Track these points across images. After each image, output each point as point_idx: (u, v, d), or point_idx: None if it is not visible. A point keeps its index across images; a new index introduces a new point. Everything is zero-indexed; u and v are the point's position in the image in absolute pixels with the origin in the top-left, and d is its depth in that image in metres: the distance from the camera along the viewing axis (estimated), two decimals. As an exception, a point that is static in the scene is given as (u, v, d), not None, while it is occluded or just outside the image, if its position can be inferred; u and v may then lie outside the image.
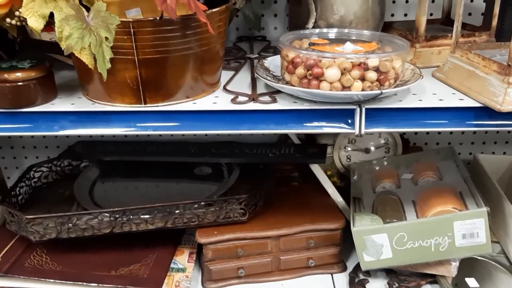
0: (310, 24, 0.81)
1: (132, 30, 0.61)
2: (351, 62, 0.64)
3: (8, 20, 0.62)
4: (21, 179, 1.01)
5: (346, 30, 0.77)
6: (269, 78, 0.72)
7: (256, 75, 0.74)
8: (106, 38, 0.57)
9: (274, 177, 1.05)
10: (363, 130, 0.68)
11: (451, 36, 0.79)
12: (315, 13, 0.81)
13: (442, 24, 0.97)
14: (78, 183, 1.02)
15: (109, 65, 0.58)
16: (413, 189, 0.96)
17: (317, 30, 0.78)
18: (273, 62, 0.78)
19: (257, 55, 0.93)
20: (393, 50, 0.70)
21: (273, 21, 1.08)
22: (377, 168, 1.06)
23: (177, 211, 0.88)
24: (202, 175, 1.06)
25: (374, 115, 0.67)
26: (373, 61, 0.65)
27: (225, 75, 0.80)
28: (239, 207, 0.90)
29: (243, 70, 0.85)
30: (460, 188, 0.91)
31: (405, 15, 1.07)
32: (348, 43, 0.71)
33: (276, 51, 0.94)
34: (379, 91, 0.64)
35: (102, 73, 0.58)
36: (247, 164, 1.02)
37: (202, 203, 0.89)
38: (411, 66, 0.74)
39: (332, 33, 0.77)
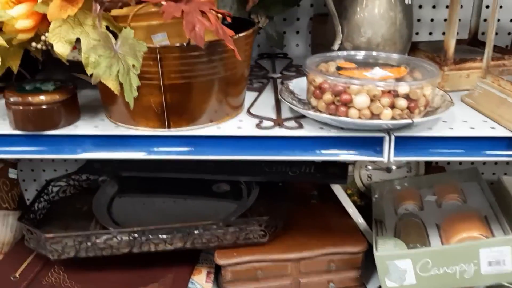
0: (336, 46, 0.79)
1: (158, 56, 0.60)
2: (381, 89, 0.62)
3: (33, 44, 0.62)
4: (39, 194, 1.00)
5: (374, 53, 0.75)
6: (294, 102, 0.71)
7: (280, 97, 0.72)
8: (133, 66, 0.56)
9: (293, 195, 1.03)
10: (392, 158, 0.66)
11: (480, 59, 0.77)
12: (341, 35, 0.79)
13: (468, 45, 0.94)
14: (96, 199, 1.01)
15: (136, 94, 0.57)
16: (437, 212, 0.94)
17: (344, 53, 0.76)
18: (298, 84, 0.76)
19: (279, 75, 0.91)
20: (423, 75, 0.68)
21: (295, 38, 1.06)
22: (399, 188, 1.04)
23: (196, 232, 0.87)
24: (220, 192, 1.05)
25: (403, 143, 0.65)
26: (403, 89, 0.63)
27: (248, 96, 0.79)
28: (259, 228, 0.88)
29: (266, 91, 0.83)
30: (485, 212, 0.89)
31: (430, 33, 1.05)
32: (377, 68, 0.70)
33: (298, 70, 0.92)
34: (410, 121, 0.63)
35: (128, 101, 0.57)
36: (266, 181, 1.00)
37: (221, 224, 0.87)
38: (441, 92, 0.72)
39: (360, 55, 0.75)
